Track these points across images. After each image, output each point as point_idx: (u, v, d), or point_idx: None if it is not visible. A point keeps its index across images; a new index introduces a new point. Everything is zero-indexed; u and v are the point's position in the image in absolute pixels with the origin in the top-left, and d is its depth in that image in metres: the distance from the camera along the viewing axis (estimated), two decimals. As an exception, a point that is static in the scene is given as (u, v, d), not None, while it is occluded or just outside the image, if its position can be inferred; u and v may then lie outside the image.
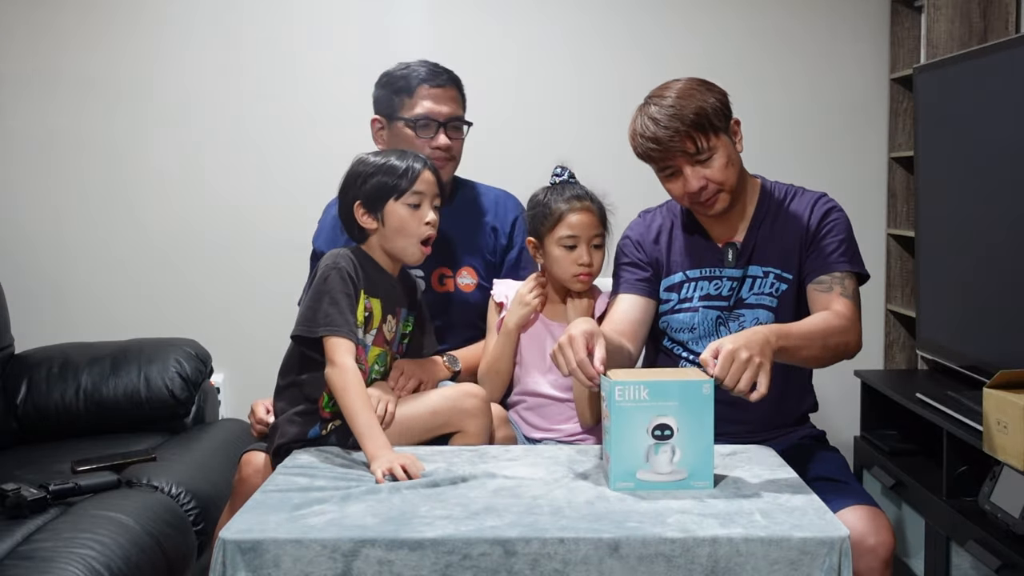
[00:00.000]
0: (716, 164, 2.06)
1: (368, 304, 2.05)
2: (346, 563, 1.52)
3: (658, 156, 2.06)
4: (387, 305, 2.10)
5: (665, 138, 2.02)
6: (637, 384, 1.70)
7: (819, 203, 2.16)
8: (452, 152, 2.42)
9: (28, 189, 3.44)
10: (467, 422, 2.08)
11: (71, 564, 2.02)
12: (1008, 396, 2.01)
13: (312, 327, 1.98)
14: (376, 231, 2.10)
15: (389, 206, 2.08)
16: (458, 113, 2.44)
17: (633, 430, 1.71)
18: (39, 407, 3.01)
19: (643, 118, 2.07)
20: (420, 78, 2.40)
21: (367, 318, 2.05)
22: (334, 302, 1.98)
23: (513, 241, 2.49)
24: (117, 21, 3.39)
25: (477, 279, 2.44)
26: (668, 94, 2.06)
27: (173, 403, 3.02)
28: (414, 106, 2.40)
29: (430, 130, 2.39)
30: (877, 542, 1.85)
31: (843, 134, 3.43)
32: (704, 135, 2.04)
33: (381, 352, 2.10)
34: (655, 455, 1.72)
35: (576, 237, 2.19)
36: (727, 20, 3.40)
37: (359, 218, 2.10)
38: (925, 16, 3.17)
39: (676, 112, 2.02)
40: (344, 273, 2.01)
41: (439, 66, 2.45)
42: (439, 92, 2.41)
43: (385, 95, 2.44)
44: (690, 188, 2.06)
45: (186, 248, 3.44)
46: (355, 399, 1.91)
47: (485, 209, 2.50)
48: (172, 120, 3.42)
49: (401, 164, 2.09)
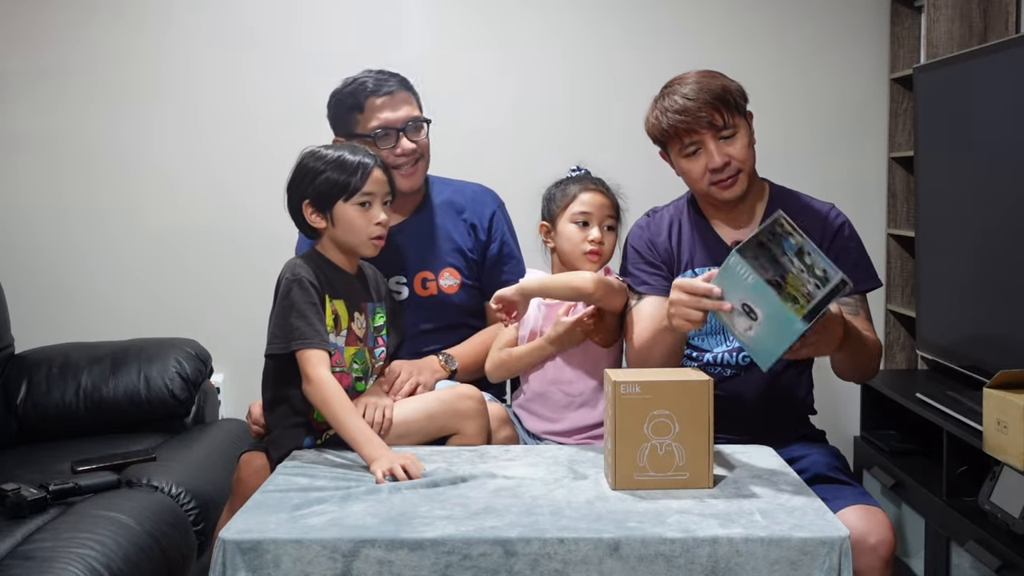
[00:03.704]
0: (739, 143, 2.09)
1: (333, 307, 2.04)
2: (346, 563, 1.52)
3: (684, 129, 2.07)
4: (351, 304, 2.08)
5: (694, 108, 2.05)
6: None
7: (831, 216, 2.16)
8: (419, 153, 2.39)
9: (29, 189, 3.44)
10: (464, 424, 2.08)
11: (71, 564, 2.02)
12: (1008, 396, 2.01)
13: (285, 343, 1.97)
14: (326, 230, 2.08)
15: (339, 207, 2.05)
16: (414, 114, 2.40)
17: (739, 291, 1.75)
18: (39, 407, 3.00)
19: (667, 98, 2.09)
20: (368, 90, 2.37)
21: (335, 320, 2.03)
22: (301, 315, 1.97)
23: (493, 235, 2.48)
24: (121, 21, 3.39)
25: (460, 279, 2.43)
26: (688, 79, 2.10)
27: (173, 403, 3.02)
28: (368, 119, 2.37)
29: (390, 139, 2.37)
30: (877, 542, 1.85)
31: (843, 134, 3.43)
32: (729, 111, 2.07)
33: (357, 351, 2.08)
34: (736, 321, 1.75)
35: (589, 214, 2.20)
36: (726, 19, 3.39)
37: (308, 217, 2.08)
38: (925, 16, 3.17)
39: (703, 87, 2.07)
40: (305, 283, 1.99)
41: (383, 72, 2.42)
42: (389, 100, 2.37)
43: (339, 114, 2.42)
44: (714, 163, 2.07)
45: (186, 248, 3.44)
46: (338, 409, 1.91)
47: (461, 206, 2.49)
48: (173, 120, 3.41)
49: (353, 160, 2.06)
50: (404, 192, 2.40)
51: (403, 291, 2.41)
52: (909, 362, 3.35)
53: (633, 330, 2.16)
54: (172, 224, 3.44)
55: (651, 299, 2.17)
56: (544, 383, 2.25)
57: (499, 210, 2.52)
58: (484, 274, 2.45)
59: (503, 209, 2.54)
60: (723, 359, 2.14)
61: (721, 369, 2.14)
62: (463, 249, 2.45)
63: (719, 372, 2.14)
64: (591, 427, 2.22)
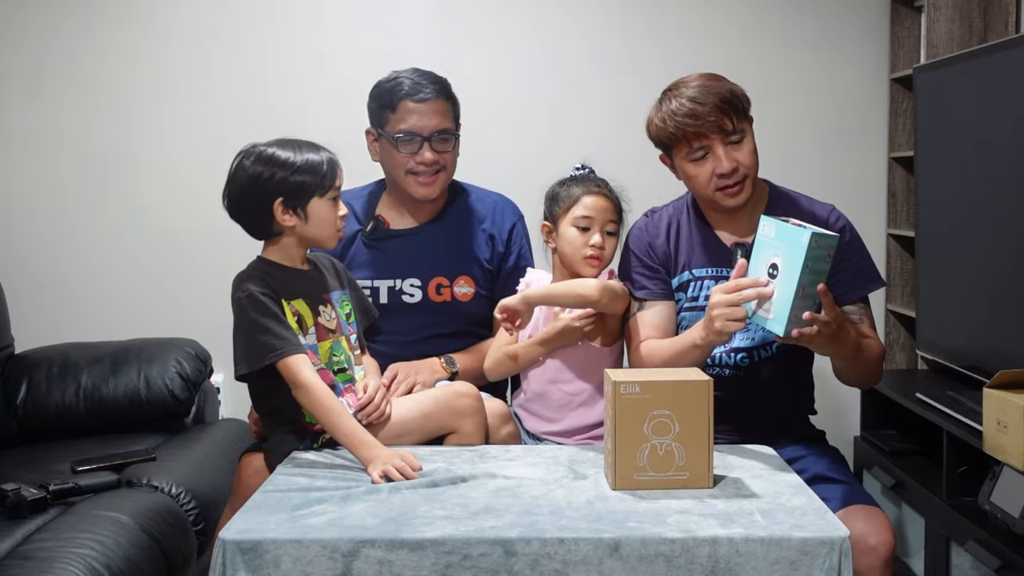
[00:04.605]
0: (746, 149, 2.07)
1: (293, 308, 2.02)
2: (346, 563, 1.52)
3: (693, 133, 2.04)
4: (312, 300, 2.06)
5: (704, 113, 2.02)
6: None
7: (832, 219, 2.16)
8: (440, 165, 2.37)
9: (28, 189, 3.44)
10: (461, 422, 2.07)
11: (71, 564, 2.02)
12: (1008, 396, 2.01)
13: (254, 362, 1.95)
14: (294, 227, 2.05)
15: (313, 203, 2.03)
16: (444, 125, 2.37)
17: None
18: (39, 407, 3.00)
19: (674, 101, 2.06)
20: (403, 92, 2.34)
21: (298, 321, 2.01)
22: (263, 329, 1.95)
23: (511, 248, 2.47)
24: (122, 23, 3.38)
25: (475, 288, 2.42)
26: (692, 82, 2.08)
27: (173, 403, 3.02)
28: (397, 121, 2.35)
29: (413, 145, 2.34)
30: (877, 542, 1.85)
31: (843, 134, 3.43)
32: (737, 116, 2.06)
33: (332, 343, 2.06)
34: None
35: (591, 219, 2.19)
36: (727, 20, 3.39)
37: (278, 216, 2.03)
38: (925, 16, 3.17)
39: (712, 90, 2.05)
40: (254, 297, 1.97)
41: (427, 76, 2.38)
42: (423, 107, 2.34)
43: (374, 108, 2.41)
44: (722, 168, 2.05)
45: (186, 248, 3.44)
46: (328, 412, 1.91)
47: (482, 216, 2.48)
48: (173, 120, 3.41)
49: (320, 157, 2.04)
50: (419, 199, 2.40)
51: (416, 294, 2.40)
52: (909, 362, 3.35)
53: (637, 339, 2.16)
54: (172, 224, 3.44)
55: (654, 308, 2.17)
56: (544, 383, 2.25)
57: (519, 223, 2.51)
58: (498, 285, 2.44)
59: (522, 222, 2.52)
60: (723, 359, 2.14)
61: (721, 369, 2.14)
62: (480, 259, 2.44)
63: (719, 372, 2.14)
64: (591, 427, 2.23)
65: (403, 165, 2.36)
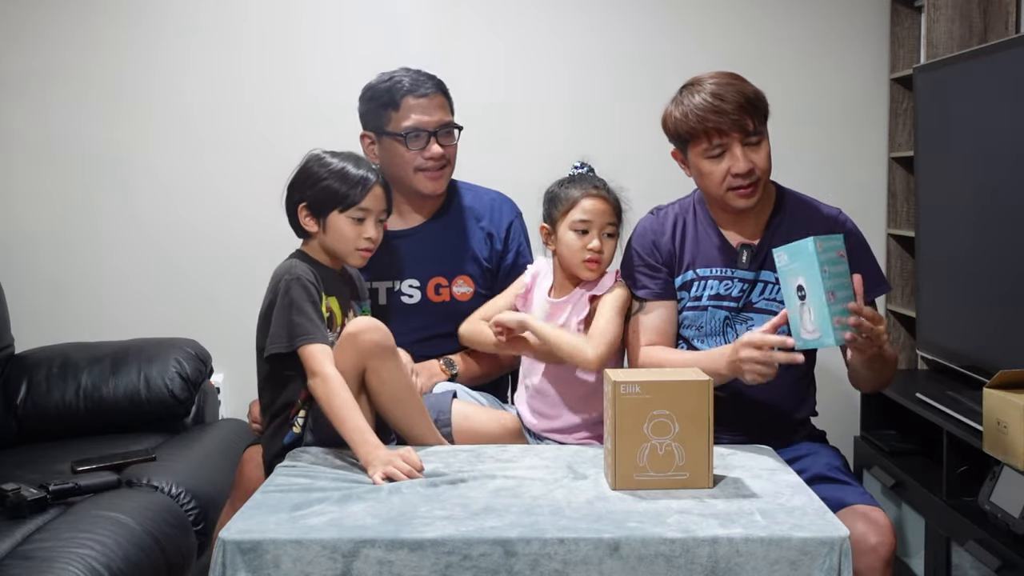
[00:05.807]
0: (763, 152, 2.07)
1: (328, 304, 2.05)
2: (346, 563, 1.52)
3: (714, 129, 2.04)
4: (343, 301, 2.11)
5: (728, 110, 2.02)
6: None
7: (839, 222, 2.16)
8: (446, 158, 2.39)
9: (28, 189, 3.44)
10: (373, 363, 1.98)
11: (71, 564, 2.02)
12: (1008, 396, 2.01)
13: (288, 341, 1.97)
14: (316, 234, 2.10)
15: (332, 216, 2.07)
16: (447, 119, 2.39)
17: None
18: (39, 407, 3.00)
19: (697, 95, 2.05)
20: (405, 89, 2.35)
21: (329, 318, 2.05)
22: (301, 312, 1.97)
23: (509, 246, 2.47)
24: (118, 22, 3.38)
25: (474, 287, 2.42)
26: (714, 79, 2.07)
27: (173, 403, 3.02)
28: (402, 119, 2.35)
29: (421, 141, 2.35)
30: (877, 542, 1.85)
31: (843, 134, 3.42)
32: (757, 118, 2.06)
33: None
34: (801, 315, 1.87)
35: (589, 222, 2.17)
36: (728, 20, 3.39)
37: (301, 219, 2.10)
38: (925, 16, 3.17)
39: (736, 88, 2.05)
40: (304, 281, 2.00)
41: (423, 73, 2.40)
42: (425, 102, 2.35)
43: (371, 109, 2.40)
44: (739, 168, 2.04)
45: (186, 248, 3.44)
46: (341, 407, 1.91)
47: (480, 214, 2.48)
48: (173, 120, 3.41)
49: (356, 173, 2.07)
50: (425, 196, 2.40)
51: (415, 295, 2.40)
52: (909, 362, 3.35)
53: (638, 343, 2.16)
54: (172, 224, 3.44)
55: (655, 310, 2.17)
56: (543, 381, 2.25)
57: (517, 220, 2.51)
58: (498, 284, 2.44)
59: (521, 219, 2.53)
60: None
61: (721, 369, 2.14)
62: (479, 258, 2.44)
63: (719, 372, 2.13)
64: (590, 425, 2.22)
65: (411, 162, 2.36)
